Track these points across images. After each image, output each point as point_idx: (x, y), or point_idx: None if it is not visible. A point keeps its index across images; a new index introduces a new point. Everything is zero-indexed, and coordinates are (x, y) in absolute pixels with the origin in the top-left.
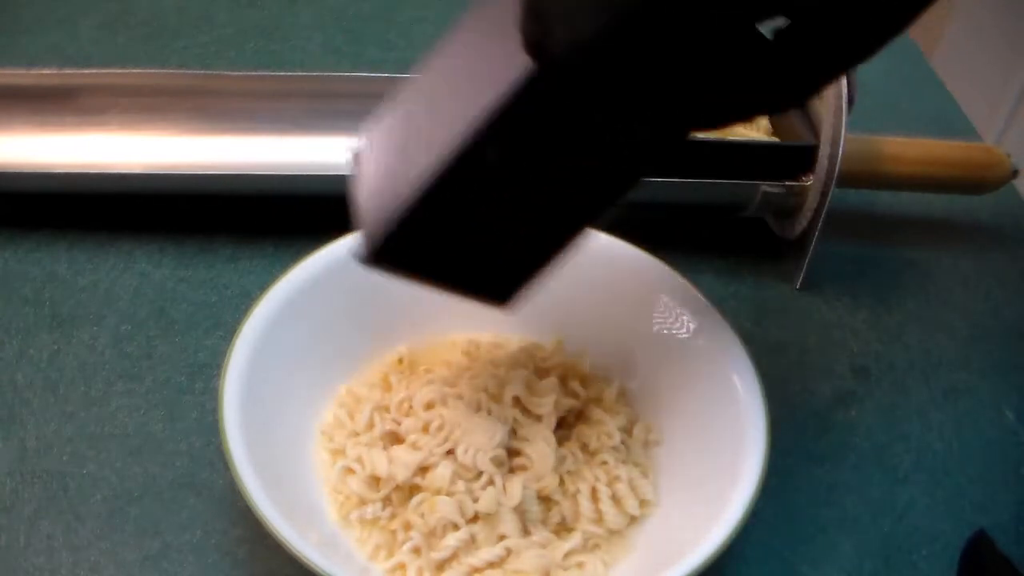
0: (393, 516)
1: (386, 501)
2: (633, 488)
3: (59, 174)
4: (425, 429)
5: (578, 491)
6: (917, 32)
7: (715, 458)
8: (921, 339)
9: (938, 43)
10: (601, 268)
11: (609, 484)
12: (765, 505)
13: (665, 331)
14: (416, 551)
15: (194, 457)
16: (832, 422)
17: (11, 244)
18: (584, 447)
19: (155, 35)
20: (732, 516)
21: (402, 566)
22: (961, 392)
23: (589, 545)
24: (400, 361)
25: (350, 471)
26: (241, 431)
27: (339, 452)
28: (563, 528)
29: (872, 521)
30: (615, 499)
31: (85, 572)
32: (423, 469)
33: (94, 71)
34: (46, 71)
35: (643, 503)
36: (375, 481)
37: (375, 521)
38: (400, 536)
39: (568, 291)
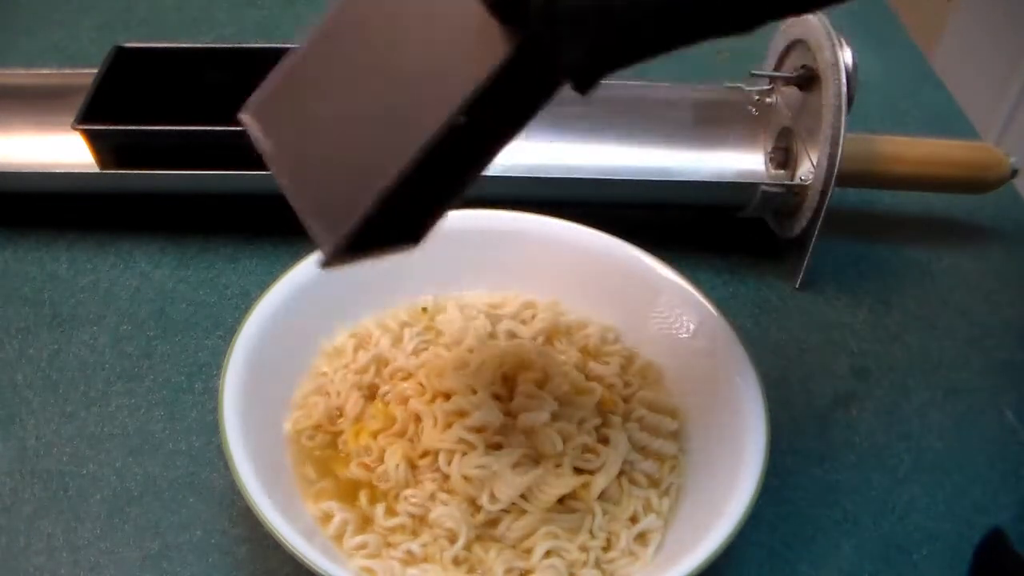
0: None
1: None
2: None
3: (59, 174)
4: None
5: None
6: (917, 32)
7: (715, 458)
8: (921, 339)
9: (938, 42)
10: (601, 268)
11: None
12: (765, 505)
13: (665, 331)
14: (411, 553)
15: (194, 457)
16: (832, 422)
17: (11, 244)
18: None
19: (155, 35)
20: (732, 516)
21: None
22: (961, 392)
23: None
24: (424, 310)
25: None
26: (241, 431)
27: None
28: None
29: (872, 521)
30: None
31: (85, 572)
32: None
33: (94, 71)
34: (46, 71)
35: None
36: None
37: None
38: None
39: (568, 291)
